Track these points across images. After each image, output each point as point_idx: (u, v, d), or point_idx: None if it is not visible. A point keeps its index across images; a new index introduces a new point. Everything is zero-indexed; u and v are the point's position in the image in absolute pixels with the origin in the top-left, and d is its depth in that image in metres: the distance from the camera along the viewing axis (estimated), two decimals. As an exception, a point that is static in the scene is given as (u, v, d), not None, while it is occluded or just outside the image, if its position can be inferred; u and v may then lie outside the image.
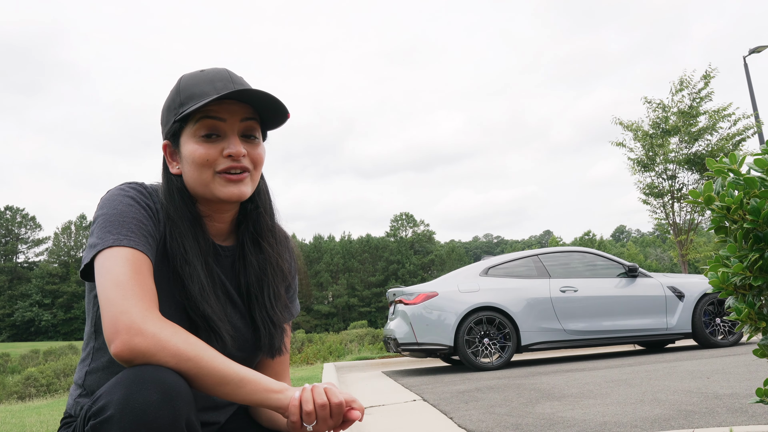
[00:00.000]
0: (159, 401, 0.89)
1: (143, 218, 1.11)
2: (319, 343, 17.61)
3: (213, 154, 1.14)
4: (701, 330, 6.90)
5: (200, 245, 1.18)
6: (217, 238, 1.25)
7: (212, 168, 1.14)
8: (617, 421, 2.89)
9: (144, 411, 0.88)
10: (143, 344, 0.96)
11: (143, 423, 0.87)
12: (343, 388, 5.61)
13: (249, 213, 1.26)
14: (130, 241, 1.05)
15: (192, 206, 1.18)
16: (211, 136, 1.14)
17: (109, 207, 1.09)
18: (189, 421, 0.93)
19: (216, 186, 1.15)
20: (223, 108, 1.14)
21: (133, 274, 1.02)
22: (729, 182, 1.26)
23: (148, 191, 1.17)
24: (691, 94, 14.30)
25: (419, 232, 77.06)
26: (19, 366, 31.94)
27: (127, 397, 0.89)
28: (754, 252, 1.23)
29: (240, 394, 1.00)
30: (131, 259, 1.04)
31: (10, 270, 70.56)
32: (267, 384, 1.02)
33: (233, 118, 1.15)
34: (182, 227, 1.15)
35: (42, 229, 75.49)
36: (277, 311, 1.25)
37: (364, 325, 40.56)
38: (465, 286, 6.75)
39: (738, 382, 3.85)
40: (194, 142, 1.14)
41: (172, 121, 1.16)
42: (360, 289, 69.19)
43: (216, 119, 1.13)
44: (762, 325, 1.29)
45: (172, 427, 0.89)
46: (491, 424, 3.08)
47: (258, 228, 1.26)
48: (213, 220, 1.22)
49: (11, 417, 5.12)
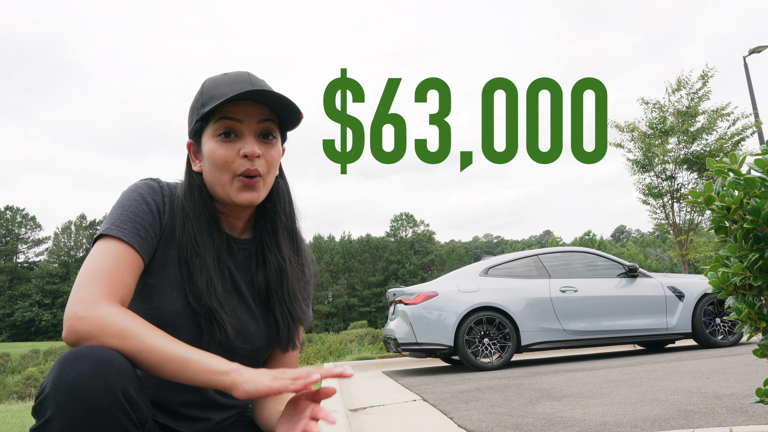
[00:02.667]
0: (89, 372, 0.90)
1: (141, 212, 1.15)
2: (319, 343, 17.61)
3: (231, 155, 1.18)
4: (701, 330, 6.90)
5: (213, 239, 1.22)
6: (233, 232, 1.29)
7: (231, 171, 1.18)
8: (617, 421, 2.89)
9: (75, 383, 0.89)
10: (85, 328, 0.98)
11: (75, 395, 0.89)
12: (343, 387, 5.61)
13: (267, 212, 1.29)
14: (119, 231, 1.10)
15: (209, 203, 1.23)
16: (230, 135, 1.19)
17: (118, 200, 1.18)
18: (127, 393, 0.93)
19: (233, 190, 1.19)
20: (240, 109, 1.18)
21: (106, 265, 1.07)
22: (729, 182, 1.26)
23: (160, 186, 1.22)
24: (690, 94, 14.30)
25: (419, 232, 77.05)
26: (19, 366, 31.97)
27: (60, 374, 0.90)
28: (754, 252, 1.23)
29: (185, 375, 1.00)
30: (112, 251, 1.09)
31: (10, 270, 70.56)
32: (213, 365, 1.01)
33: (250, 120, 1.19)
34: (197, 222, 1.20)
35: (42, 229, 75.53)
36: (295, 306, 1.29)
37: (364, 325, 40.56)
38: (465, 286, 6.75)
39: (738, 382, 3.85)
40: (214, 142, 1.19)
41: (195, 120, 1.22)
42: (360, 289, 69.18)
43: (233, 120, 1.18)
44: (762, 325, 1.29)
45: (105, 396, 0.90)
46: (491, 424, 3.08)
47: (275, 227, 1.29)
48: (229, 216, 1.27)
49: (11, 417, 5.11)
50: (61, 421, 0.89)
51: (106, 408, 0.90)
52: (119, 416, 0.92)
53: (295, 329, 1.30)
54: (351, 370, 1.02)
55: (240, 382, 0.99)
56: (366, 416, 3.83)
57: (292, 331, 1.29)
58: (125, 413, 0.92)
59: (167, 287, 1.17)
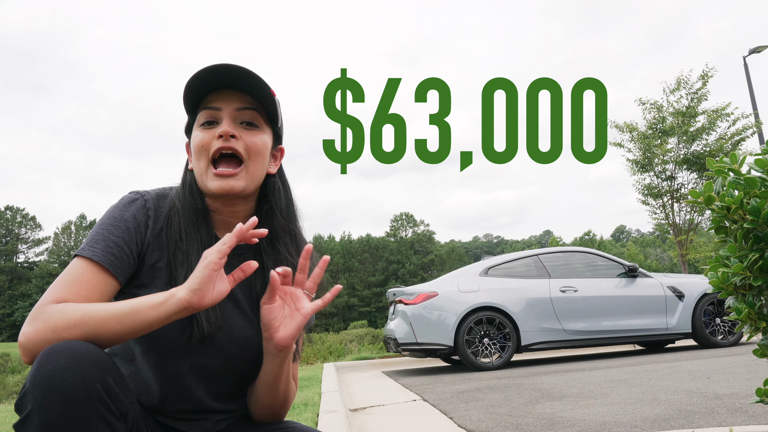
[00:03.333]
0: (66, 365, 0.91)
1: (118, 230, 1.15)
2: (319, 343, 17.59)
3: (207, 138, 1.19)
4: (701, 330, 6.90)
5: (201, 235, 1.20)
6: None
7: (207, 154, 1.19)
8: (617, 421, 2.89)
9: (52, 376, 0.90)
10: (36, 338, 0.98)
11: (53, 388, 0.89)
12: (343, 387, 5.61)
13: (264, 213, 1.27)
14: (91, 251, 1.11)
15: (200, 199, 1.22)
16: (213, 123, 1.20)
17: (101, 217, 1.19)
18: (105, 384, 0.94)
19: (208, 179, 1.19)
20: (220, 97, 1.20)
21: (63, 281, 1.07)
22: (729, 182, 1.26)
23: (144, 199, 1.21)
24: (689, 94, 14.30)
25: (419, 232, 77.02)
26: (20, 366, 31.93)
27: (37, 369, 0.91)
28: (754, 252, 1.23)
29: (140, 321, 1.01)
30: (75, 270, 1.09)
31: (10, 270, 70.57)
32: (155, 300, 1.03)
33: (229, 107, 1.20)
34: (185, 217, 1.20)
35: (42, 229, 75.42)
36: None
37: (364, 325, 40.52)
38: (465, 286, 6.75)
39: (738, 382, 3.85)
40: (197, 131, 1.21)
41: (187, 121, 1.25)
42: (360, 289, 69.16)
43: (213, 109, 1.20)
44: (762, 325, 1.29)
45: (82, 387, 0.90)
46: (491, 424, 3.08)
47: (272, 229, 1.27)
48: (222, 215, 1.25)
49: (11, 417, 5.11)
50: (40, 415, 0.89)
51: (84, 399, 0.90)
52: (98, 407, 0.92)
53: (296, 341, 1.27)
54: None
55: (189, 292, 1.02)
56: (366, 416, 3.83)
57: None
58: (104, 404, 0.93)
59: (161, 289, 1.15)
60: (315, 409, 3.50)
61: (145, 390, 1.18)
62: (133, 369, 1.20)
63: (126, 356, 1.21)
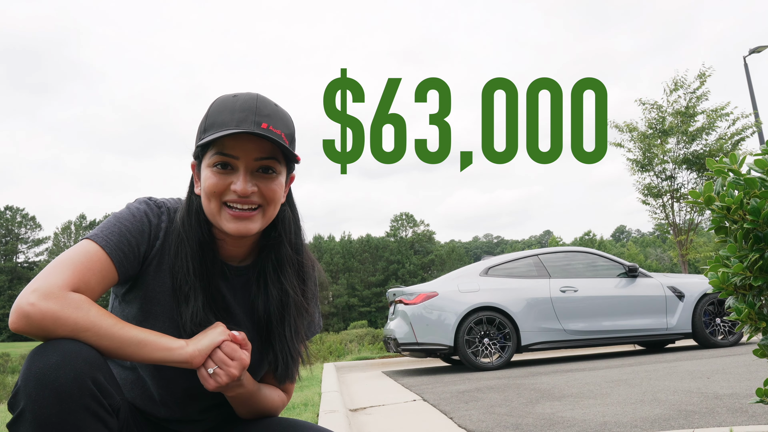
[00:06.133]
0: (58, 362, 0.91)
1: (134, 230, 1.14)
2: (318, 343, 17.58)
3: (221, 185, 1.14)
4: (701, 330, 6.90)
5: (207, 267, 1.18)
6: (233, 261, 1.25)
7: (219, 198, 1.14)
8: (617, 421, 2.89)
9: (44, 373, 0.90)
10: (36, 316, 0.97)
11: (45, 384, 0.90)
12: (343, 387, 5.61)
13: (272, 241, 1.25)
14: (104, 240, 1.09)
15: (206, 228, 1.19)
16: (226, 167, 1.14)
17: (119, 211, 1.17)
18: (97, 381, 0.94)
19: (222, 220, 1.15)
20: (238, 144, 1.13)
21: (77, 262, 1.05)
22: (729, 182, 1.26)
23: (160, 210, 1.19)
24: (687, 94, 14.30)
25: (419, 232, 77.02)
26: (19, 366, 31.96)
27: (29, 366, 0.92)
28: (754, 252, 1.23)
29: (143, 355, 1.03)
30: (89, 254, 1.07)
31: (10, 270, 70.55)
32: (166, 343, 1.05)
33: (247, 157, 1.14)
34: (191, 248, 1.17)
35: (42, 228, 75.39)
36: (296, 343, 1.27)
37: (364, 325, 40.53)
38: (465, 286, 6.75)
39: (738, 382, 3.85)
40: (209, 171, 1.15)
41: (196, 144, 1.18)
42: (360, 289, 69.14)
43: (229, 156, 1.13)
44: (762, 325, 1.29)
45: (74, 383, 0.91)
46: (491, 424, 3.08)
47: (279, 258, 1.25)
48: (227, 243, 1.22)
49: (8, 417, 5.12)
50: (33, 412, 0.89)
51: (76, 395, 0.91)
52: (90, 403, 0.92)
53: (294, 367, 1.27)
54: None
55: (197, 351, 1.06)
56: (366, 416, 3.83)
57: (291, 369, 1.26)
58: (96, 400, 0.93)
59: (160, 315, 1.16)
60: (315, 409, 3.50)
61: (138, 395, 1.21)
62: (134, 377, 1.22)
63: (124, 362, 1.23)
